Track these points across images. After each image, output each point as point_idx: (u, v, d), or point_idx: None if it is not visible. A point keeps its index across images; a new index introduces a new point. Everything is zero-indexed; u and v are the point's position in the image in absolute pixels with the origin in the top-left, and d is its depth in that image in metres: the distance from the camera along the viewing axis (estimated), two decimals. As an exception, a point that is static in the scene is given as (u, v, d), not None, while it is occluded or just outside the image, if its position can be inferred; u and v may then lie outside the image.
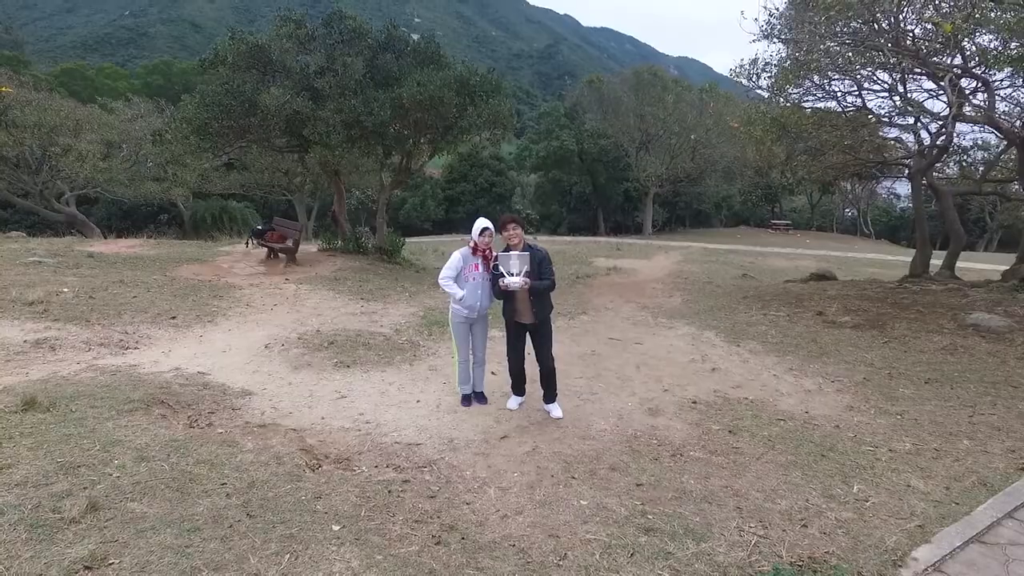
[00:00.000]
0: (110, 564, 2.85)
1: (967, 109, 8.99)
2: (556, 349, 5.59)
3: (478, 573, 3.09)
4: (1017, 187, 13.87)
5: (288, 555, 3.08)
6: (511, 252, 5.06)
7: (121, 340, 6.94)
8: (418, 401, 5.71)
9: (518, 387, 5.70)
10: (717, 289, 12.98)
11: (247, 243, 13.69)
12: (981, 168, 13.48)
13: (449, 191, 47.20)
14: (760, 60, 12.33)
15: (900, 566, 3.41)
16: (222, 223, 32.72)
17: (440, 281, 5.39)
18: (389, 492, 3.93)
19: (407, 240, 17.76)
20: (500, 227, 5.24)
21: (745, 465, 4.56)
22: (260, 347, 6.94)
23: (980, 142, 13.13)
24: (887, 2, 8.91)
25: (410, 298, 9.78)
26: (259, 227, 12.97)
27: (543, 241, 24.91)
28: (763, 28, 9.37)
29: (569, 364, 6.87)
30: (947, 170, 14.65)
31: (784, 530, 3.68)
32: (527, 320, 5.34)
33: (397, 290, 10.34)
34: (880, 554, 3.51)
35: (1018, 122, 9.63)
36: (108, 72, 72.08)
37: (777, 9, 9.22)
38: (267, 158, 25.76)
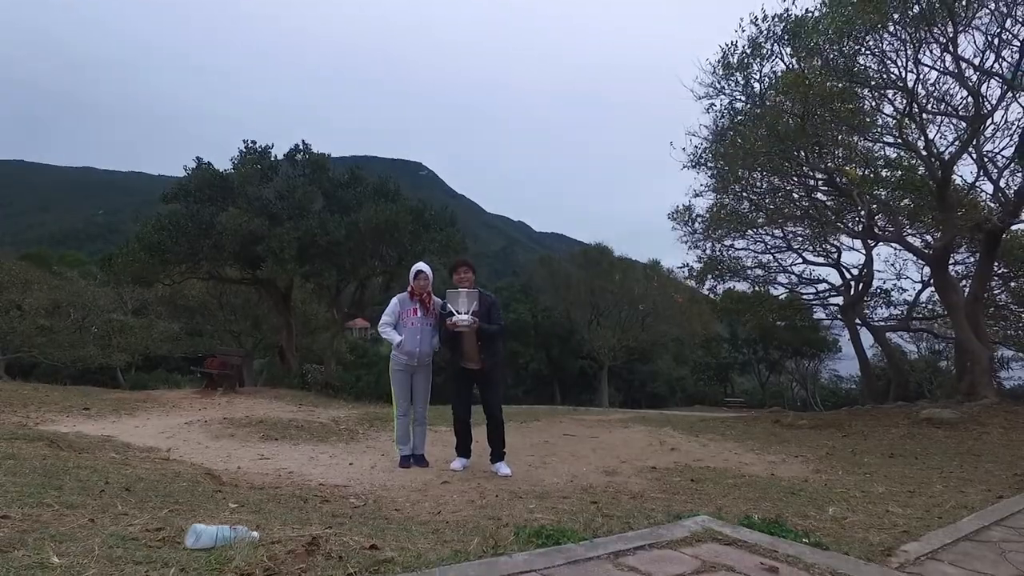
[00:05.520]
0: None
1: (877, 229, 9.91)
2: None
3: (408, 520, 2.56)
4: (938, 325, 14.74)
5: (167, 511, 2.51)
6: (460, 289, 4.92)
7: (20, 422, 6.17)
8: (351, 464, 5.13)
9: (463, 447, 5.21)
10: (674, 421, 12.72)
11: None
12: (904, 309, 14.42)
13: (404, 368, 46.74)
14: (694, 208, 13.58)
15: (889, 555, 3.02)
16: (164, 395, 30.87)
17: (379, 327, 5.19)
18: (305, 501, 3.36)
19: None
20: (452, 270, 5.17)
21: (711, 499, 4.14)
22: (179, 424, 6.24)
23: (897, 285, 14.23)
24: (800, 146, 10.13)
25: (351, 407, 9.17)
26: (200, 355, 12.41)
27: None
28: (691, 157, 10.46)
29: (519, 450, 6.34)
30: (876, 313, 15.57)
31: (759, 530, 3.25)
32: (474, 365, 5.05)
33: (338, 403, 9.71)
34: (867, 547, 3.11)
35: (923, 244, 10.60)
36: (69, 259, 72.33)
37: (703, 140, 10.38)
38: (219, 319, 25.43)
